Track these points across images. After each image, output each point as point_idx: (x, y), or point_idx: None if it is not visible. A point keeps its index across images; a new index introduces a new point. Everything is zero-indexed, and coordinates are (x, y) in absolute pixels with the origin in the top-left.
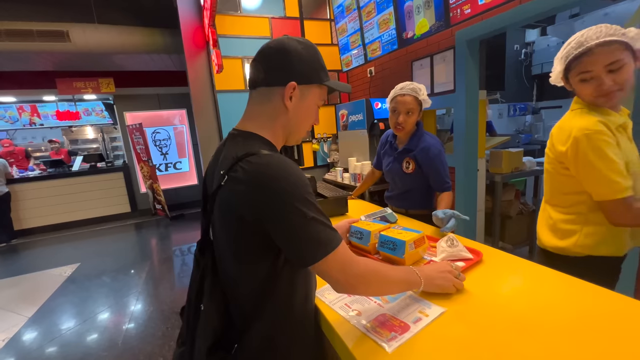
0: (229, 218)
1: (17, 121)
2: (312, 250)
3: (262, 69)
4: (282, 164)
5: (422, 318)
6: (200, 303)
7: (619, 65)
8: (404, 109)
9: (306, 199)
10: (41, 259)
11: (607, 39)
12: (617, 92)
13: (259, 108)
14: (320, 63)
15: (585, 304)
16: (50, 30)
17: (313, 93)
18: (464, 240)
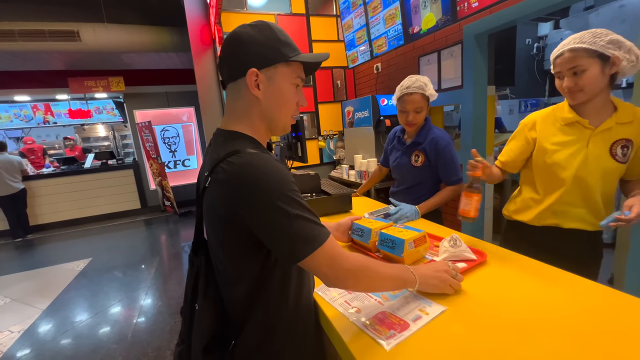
0: (215, 219)
1: (32, 119)
2: (298, 247)
3: (225, 64)
4: (262, 162)
5: (422, 316)
6: (195, 303)
7: (580, 69)
8: (413, 107)
9: (288, 196)
10: (55, 254)
11: (575, 46)
12: (577, 92)
13: (234, 105)
14: (279, 40)
15: (591, 304)
16: (62, 30)
17: (281, 73)
18: (468, 239)
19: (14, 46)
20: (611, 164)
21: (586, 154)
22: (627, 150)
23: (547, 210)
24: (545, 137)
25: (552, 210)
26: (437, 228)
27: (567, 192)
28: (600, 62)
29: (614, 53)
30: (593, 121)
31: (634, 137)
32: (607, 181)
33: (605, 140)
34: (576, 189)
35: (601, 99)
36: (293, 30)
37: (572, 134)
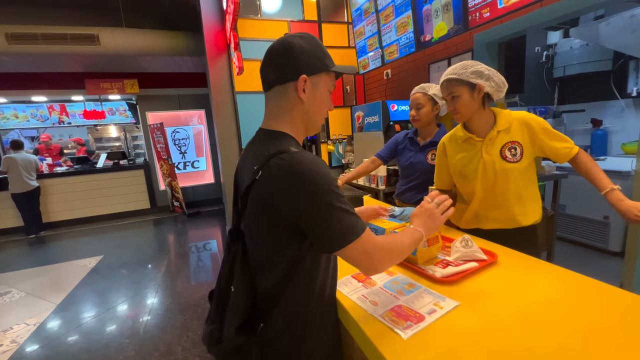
0: (262, 209)
1: (47, 120)
2: (340, 236)
3: (273, 69)
4: (311, 160)
5: (437, 310)
6: (231, 285)
7: (455, 95)
8: (414, 104)
9: (333, 191)
10: (68, 250)
11: (448, 76)
12: (455, 114)
13: (278, 106)
14: (322, 51)
15: (601, 304)
16: (82, 34)
17: (322, 80)
18: (479, 241)
19: (37, 49)
20: (505, 165)
21: (483, 162)
22: (515, 151)
23: (472, 215)
24: (451, 156)
25: (475, 215)
26: (448, 229)
27: (481, 198)
28: (468, 89)
29: (477, 81)
30: (480, 134)
31: (520, 139)
32: (511, 181)
33: (494, 147)
34: (488, 194)
35: (481, 116)
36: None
37: (469, 148)
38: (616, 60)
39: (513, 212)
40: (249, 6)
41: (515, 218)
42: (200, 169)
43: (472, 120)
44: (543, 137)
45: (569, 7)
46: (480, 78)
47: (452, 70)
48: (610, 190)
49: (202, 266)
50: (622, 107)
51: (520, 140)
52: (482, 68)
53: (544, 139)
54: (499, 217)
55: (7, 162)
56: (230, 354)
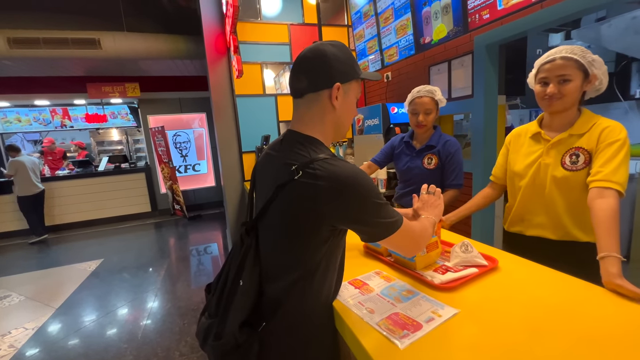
0: (299, 206)
1: (50, 123)
2: (387, 226)
3: (306, 77)
4: (352, 166)
5: (435, 318)
6: (240, 278)
7: (566, 78)
8: (423, 109)
9: (375, 191)
10: (68, 254)
11: (568, 55)
12: (557, 99)
13: (309, 112)
14: (353, 59)
15: (605, 312)
16: (84, 38)
17: (352, 88)
18: (480, 246)
19: (39, 53)
20: (560, 172)
21: (540, 163)
22: (575, 158)
23: (515, 216)
24: (514, 150)
25: (519, 217)
26: (448, 234)
27: (526, 200)
28: (583, 76)
29: (594, 71)
30: (553, 132)
31: (586, 145)
32: (563, 190)
33: (558, 151)
34: (534, 197)
35: (570, 112)
36: (305, 39)
37: (535, 145)
38: (619, 62)
39: (562, 221)
40: (248, 10)
41: (565, 229)
42: (201, 172)
43: (560, 115)
44: (601, 150)
45: (570, 8)
46: (598, 69)
47: (569, 50)
48: (609, 256)
49: (203, 270)
50: (625, 109)
51: (587, 147)
52: (601, 60)
53: (599, 152)
54: (544, 224)
55: (14, 166)
56: (229, 351)
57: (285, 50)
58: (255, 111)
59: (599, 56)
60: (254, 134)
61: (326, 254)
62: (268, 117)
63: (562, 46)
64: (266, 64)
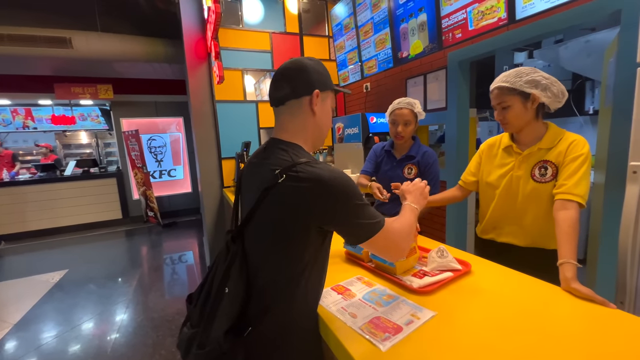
0: (284, 210)
1: (10, 124)
2: (369, 227)
3: (288, 85)
4: (333, 169)
5: (414, 321)
6: (226, 286)
7: (505, 105)
8: (402, 120)
9: (357, 192)
10: (28, 265)
11: (499, 84)
12: (505, 124)
13: (292, 118)
14: (328, 73)
15: (563, 310)
16: (53, 37)
17: (329, 97)
18: (454, 251)
19: (3, 50)
20: (530, 184)
21: (512, 175)
22: (544, 170)
23: (488, 225)
24: (487, 161)
25: (492, 226)
26: (424, 240)
27: (499, 209)
28: (521, 98)
29: (532, 91)
30: (523, 146)
31: (553, 159)
32: (533, 201)
33: (528, 163)
34: (506, 207)
35: (531, 128)
36: (287, 48)
37: (507, 158)
38: (575, 80)
39: (531, 230)
40: (230, 16)
41: (534, 237)
42: (177, 177)
43: (523, 131)
44: (565, 164)
45: (531, 31)
46: (536, 88)
47: (504, 78)
48: (566, 263)
49: (177, 279)
50: (580, 123)
51: (555, 161)
52: (539, 77)
53: (564, 166)
54: (514, 232)
55: None
56: (214, 359)
57: (267, 57)
58: (236, 117)
59: (557, 75)
60: (234, 140)
61: (312, 257)
62: (249, 124)
63: (503, 73)
64: (247, 70)
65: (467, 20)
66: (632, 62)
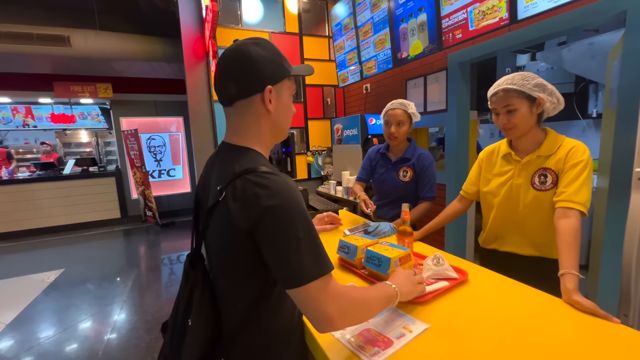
0: (225, 233)
1: (11, 122)
2: (299, 271)
3: (233, 83)
4: (280, 183)
5: (406, 334)
6: (188, 318)
7: (512, 108)
8: (395, 120)
9: (299, 221)
10: (24, 264)
11: (507, 86)
12: (511, 129)
13: (242, 120)
14: (280, 56)
15: (564, 323)
16: (51, 35)
17: (285, 87)
18: (451, 258)
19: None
20: (531, 192)
21: (511, 184)
22: (544, 178)
23: (490, 234)
24: (487, 169)
25: (494, 235)
26: (420, 246)
27: (500, 218)
28: (528, 102)
29: (539, 95)
30: (522, 154)
31: (553, 166)
32: (534, 209)
33: (528, 171)
34: (508, 216)
35: (532, 134)
36: (286, 48)
37: (506, 165)
38: (578, 83)
39: (534, 239)
40: (229, 15)
41: (537, 246)
42: (176, 177)
43: (523, 138)
44: (566, 171)
45: (534, 33)
46: (543, 92)
47: (509, 80)
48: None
49: (174, 280)
50: (583, 127)
51: (555, 168)
52: (544, 81)
53: (564, 173)
54: (517, 241)
55: None
56: None
57: None
58: None
59: (560, 77)
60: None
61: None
62: None
63: (505, 77)
64: None
65: (468, 20)
66: (637, 64)
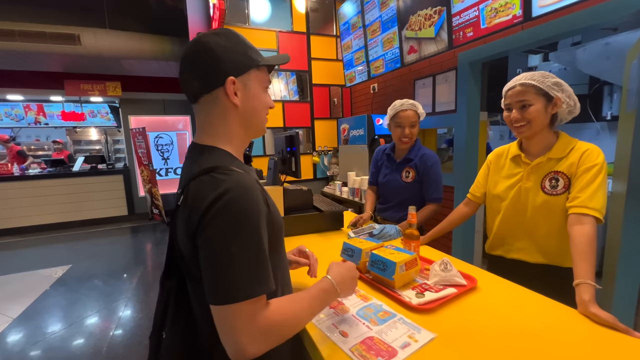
0: (184, 238)
1: (23, 119)
2: (217, 288)
3: (195, 78)
4: (231, 185)
5: (411, 343)
6: (162, 331)
7: (527, 103)
8: (408, 122)
9: (237, 232)
10: (32, 259)
11: (526, 81)
12: (523, 125)
13: (209, 117)
14: (246, 46)
15: (579, 336)
16: (62, 33)
17: (254, 78)
18: (459, 264)
19: (13, 46)
20: (540, 196)
21: (520, 187)
22: (555, 182)
23: (496, 240)
24: (495, 171)
25: (500, 241)
26: (427, 250)
27: (507, 223)
28: (545, 100)
29: (557, 94)
30: (531, 156)
31: (565, 170)
32: (544, 215)
33: (538, 174)
34: (515, 221)
35: (542, 136)
36: (293, 47)
37: (513, 168)
38: (592, 84)
39: (544, 246)
40: (237, 14)
41: (547, 254)
42: None
43: (534, 139)
44: (579, 175)
45: (547, 31)
46: (562, 92)
47: (528, 76)
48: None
49: None
50: (597, 130)
51: (567, 172)
52: (563, 82)
53: (578, 177)
54: (524, 248)
55: None
56: None
57: None
58: None
59: (574, 79)
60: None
61: None
62: None
63: (524, 73)
64: None
65: (480, 18)
66: None
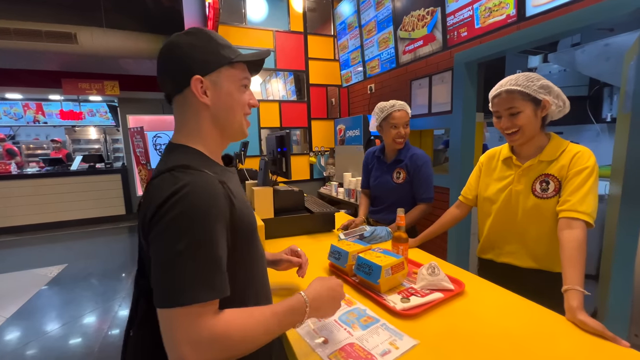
0: (140, 236)
1: (22, 118)
2: (160, 290)
3: (167, 78)
4: (185, 185)
5: (392, 351)
6: (130, 329)
7: (514, 111)
8: (403, 122)
9: (186, 231)
10: (28, 258)
11: (510, 87)
12: (515, 133)
13: (183, 117)
14: (218, 43)
15: (574, 347)
16: (58, 32)
17: (226, 76)
18: (449, 267)
19: (9, 44)
20: (531, 199)
21: (511, 190)
22: (546, 185)
23: (486, 243)
24: (486, 173)
25: (490, 245)
26: (418, 254)
27: (497, 226)
28: (533, 105)
29: (544, 97)
30: (523, 159)
31: (556, 172)
32: (535, 218)
33: (529, 177)
34: (505, 224)
35: (535, 139)
36: (291, 47)
37: (506, 170)
38: (592, 86)
39: (534, 250)
40: (233, 14)
41: (537, 258)
42: None
43: (526, 143)
44: (569, 178)
45: (542, 32)
46: (549, 94)
47: (513, 81)
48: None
49: None
50: (597, 132)
51: (558, 175)
52: (549, 82)
53: (568, 180)
54: (515, 252)
55: None
56: None
57: (270, 56)
58: None
59: (573, 80)
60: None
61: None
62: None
63: (508, 77)
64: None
65: (474, 17)
66: None
